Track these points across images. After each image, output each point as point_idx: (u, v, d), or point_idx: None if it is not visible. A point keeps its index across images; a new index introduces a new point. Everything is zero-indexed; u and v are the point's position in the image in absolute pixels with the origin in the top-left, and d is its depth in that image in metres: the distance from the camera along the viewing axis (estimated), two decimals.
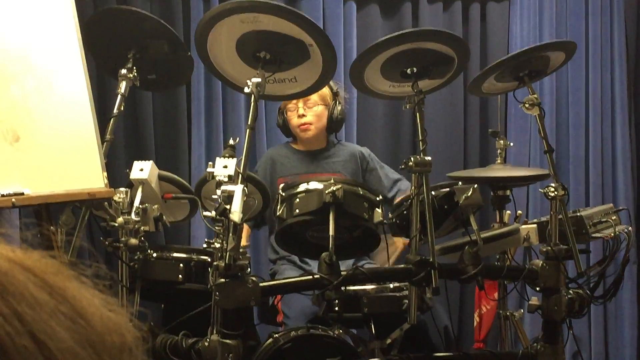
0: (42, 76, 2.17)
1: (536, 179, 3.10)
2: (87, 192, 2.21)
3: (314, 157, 3.40)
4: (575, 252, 2.51)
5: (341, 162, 3.38)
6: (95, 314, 0.51)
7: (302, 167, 3.35)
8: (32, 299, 0.48)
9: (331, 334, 2.48)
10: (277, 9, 2.34)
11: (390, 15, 4.14)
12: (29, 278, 0.49)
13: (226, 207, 2.06)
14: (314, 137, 3.37)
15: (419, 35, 2.55)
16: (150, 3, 3.88)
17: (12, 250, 0.51)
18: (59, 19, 2.29)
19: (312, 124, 3.32)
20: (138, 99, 3.78)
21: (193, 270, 2.51)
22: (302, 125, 3.32)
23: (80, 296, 0.51)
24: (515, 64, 2.68)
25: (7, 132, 2.00)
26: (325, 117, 3.33)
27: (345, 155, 3.40)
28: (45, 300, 0.49)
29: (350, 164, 3.37)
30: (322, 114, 3.32)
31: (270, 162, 3.41)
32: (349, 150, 3.45)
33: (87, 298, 0.51)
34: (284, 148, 3.51)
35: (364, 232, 2.47)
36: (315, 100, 3.27)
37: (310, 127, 3.32)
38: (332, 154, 3.42)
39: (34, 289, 0.48)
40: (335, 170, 3.32)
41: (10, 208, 1.97)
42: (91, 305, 0.51)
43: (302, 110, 3.29)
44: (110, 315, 0.52)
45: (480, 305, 3.11)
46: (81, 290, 0.52)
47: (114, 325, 0.52)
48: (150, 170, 2.48)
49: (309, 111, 3.30)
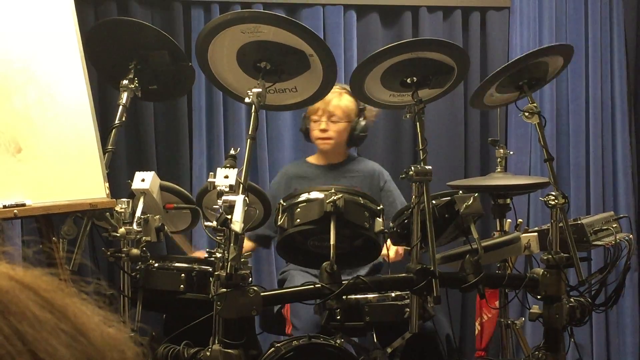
0: (44, 87, 2.18)
1: (537, 187, 3.10)
2: (89, 202, 2.22)
3: (331, 171, 3.37)
4: (576, 260, 2.51)
5: (360, 177, 3.35)
6: (96, 331, 0.51)
7: (319, 182, 3.28)
8: (33, 317, 0.48)
9: (333, 343, 2.48)
10: (278, 20, 2.36)
11: (390, 25, 4.15)
12: (29, 296, 0.49)
13: (227, 217, 2.07)
14: (331, 150, 3.36)
15: (419, 44, 2.56)
16: (152, 14, 3.89)
17: (12, 268, 0.51)
18: (60, 30, 2.30)
19: (333, 139, 3.30)
20: (139, 109, 3.79)
21: (194, 280, 2.51)
22: (322, 140, 3.31)
23: (80, 313, 0.51)
24: (514, 73, 2.69)
25: (9, 143, 2.01)
26: (346, 132, 3.31)
27: (364, 171, 3.38)
28: (46, 318, 0.49)
29: (368, 180, 3.35)
30: (344, 129, 3.29)
31: (285, 178, 3.39)
32: (369, 167, 3.42)
33: (88, 315, 0.52)
34: (301, 164, 3.49)
35: (365, 242, 2.48)
36: (340, 116, 3.25)
37: (330, 142, 3.31)
38: (350, 168, 3.39)
39: (34, 308, 0.49)
40: (352, 184, 3.30)
41: (13, 219, 1.98)
42: (91, 322, 0.51)
43: (325, 125, 3.26)
44: (110, 332, 0.52)
45: (481, 313, 3.11)
46: (81, 308, 0.52)
47: (114, 341, 0.52)
48: (151, 181, 2.49)
49: (331, 126, 3.27)
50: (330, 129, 3.28)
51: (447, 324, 2.94)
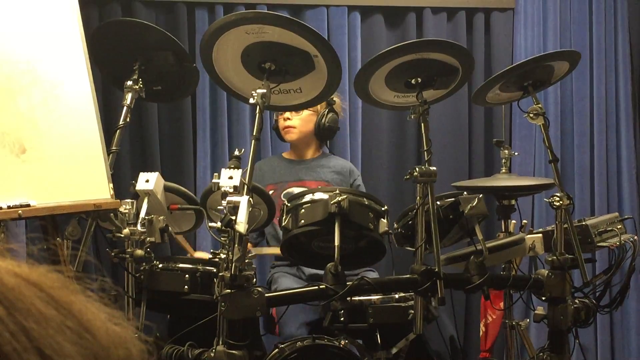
0: (49, 88, 2.18)
1: (541, 188, 3.10)
2: (93, 203, 2.22)
3: (303, 165, 3.44)
4: (581, 261, 2.50)
5: (330, 172, 3.41)
6: (101, 328, 0.51)
7: (291, 174, 3.40)
8: (39, 314, 0.48)
9: (337, 344, 2.47)
10: (282, 21, 2.35)
11: (394, 26, 4.15)
12: (35, 293, 0.49)
13: (232, 218, 2.06)
14: (298, 140, 3.42)
15: (423, 45, 2.55)
16: (156, 14, 3.90)
17: (18, 265, 0.51)
18: (65, 31, 2.30)
19: (296, 127, 3.37)
20: (144, 110, 3.80)
21: (199, 281, 2.51)
22: (286, 128, 3.39)
23: (86, 310, 0.51)
24: (519, 74, 2.69)
25: (13, 144, 2.01)
26: (312, 123, 3.38)
27: (335, 167, 3.44)
28: (51, 315, 0.49)
29: (339, 176, 3.40)
30: (309, 119, 3.37)
31: (258, 172, 3.41)
32: (340, 164, 3.49)
33: (93, 312, 0.52)
34: (274, 158, 3.58)
35: (370, 242, 2.48)
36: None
37: (293, 130, 3.38)
38: (322, 163, 3.45)
39: (40, 304, 0.49)
40: (323, 179, 3.35)
41: (17, 220, 1.98)
42: (97, 319, 0.51)
43: (288, 114, 3.34)
44: (116, 329, 0.52)
45: (486, 315, 3.11)
46: (87, 305, 0.52)
47: (119, 339, 0.52)
48: (156, 182, 2.49)
49: (295, 115, 3.35)
50: (294, 118, 3.36)
51: (451, 325, 2.94)
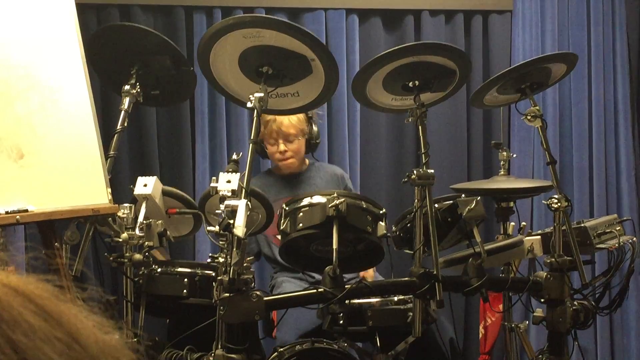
0: (46, 93, 2.18)
1: (540, 190, 3.10)
2: (91, 208, 2.22)
3: (295, 180, 3.40)
4: (580, 263, 2.51)
5: (323, 183, 3.38)
6: (90, 338, 0.51)
7: (284, 191, 3.33)
8: (27, 325, 0.48)
9: (336, 348, 2.47)
10: (280, 24, 2.35)
11: (392, 28, 4.16)
12: (23, 304, 0.49)
13: (230, 222, 2.06)
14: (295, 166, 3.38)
15: (421, 48, 2.55)
16: (154, 19, 3.90)
17: (6, 275, 0.51)
18: (62, 36, 2.30)
19: (294, 157, 3.32)
20: (142, 114, 3.80)
21: (197, 285, 2.51)
22: (284, 161, 3.31)
23: (75, 320, 0.51)
24: (516, 77, 2.69)
25: (11, 149, 2.01)
26: (304, 144, 3.33)
27: (326, 177, 3.42)
28: (40, 326, 0.48)
29: (331, 184, 3.38)
30: (302, 143, 3.32)
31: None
32: (330, 171, 3.47)
33: (82, 322, 0.52)
34: (265, 176, 3.49)
35: (368, 245, 2.48)
36: (295, 134, 3.26)
37: (292, 162, 3.33)
38: (313, 175, 3.42)
39: (28, 315, 0.48)
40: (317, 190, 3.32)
41: (15, 225, 1.98)
42: (86, 329, 0.51)
43: (283, 146, 3.27)
44: (106, 339, 0.52)
45: (485, 317, 3.11)
46: (76, 314, 0.52)
47: (109, 348, 0.52)
48: (154, 186, 2.49)
49: (289, 146, 3.28)
50: (289, 149, 3.29)
51: (450, 328, 2.93)
